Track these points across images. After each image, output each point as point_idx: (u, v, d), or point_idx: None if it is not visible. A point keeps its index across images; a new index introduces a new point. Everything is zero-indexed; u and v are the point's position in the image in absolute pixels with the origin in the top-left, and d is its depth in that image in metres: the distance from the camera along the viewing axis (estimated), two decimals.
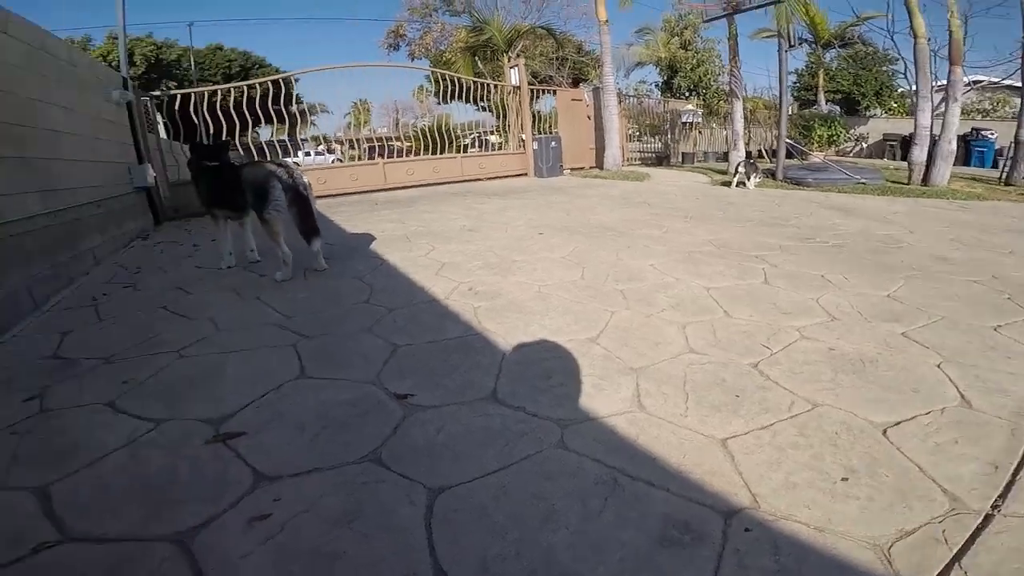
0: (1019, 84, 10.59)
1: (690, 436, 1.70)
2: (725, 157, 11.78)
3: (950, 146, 9.45)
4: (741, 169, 9.04)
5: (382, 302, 3.06)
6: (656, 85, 21.53)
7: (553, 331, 2.54)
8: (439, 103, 14.43)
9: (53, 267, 3.69)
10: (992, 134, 16.12)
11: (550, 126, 12.16)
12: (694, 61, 18.97)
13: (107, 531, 1.34)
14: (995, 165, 13.80)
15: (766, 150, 15.10)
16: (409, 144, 12.30)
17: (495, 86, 11.32)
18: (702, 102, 17.90)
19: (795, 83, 22.86)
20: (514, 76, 11.09)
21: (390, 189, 9.06)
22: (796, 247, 4.43)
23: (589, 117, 12.65)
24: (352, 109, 15.60)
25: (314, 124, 12.95)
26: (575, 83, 22.93)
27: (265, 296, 3.28)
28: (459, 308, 2.88)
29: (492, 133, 13.73)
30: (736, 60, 10.99)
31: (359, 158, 10.66)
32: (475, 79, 11.26)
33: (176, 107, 7.93)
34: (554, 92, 12.88)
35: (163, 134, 8.49)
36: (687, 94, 19.07)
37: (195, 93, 8.17)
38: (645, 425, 1.76)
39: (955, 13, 9.29)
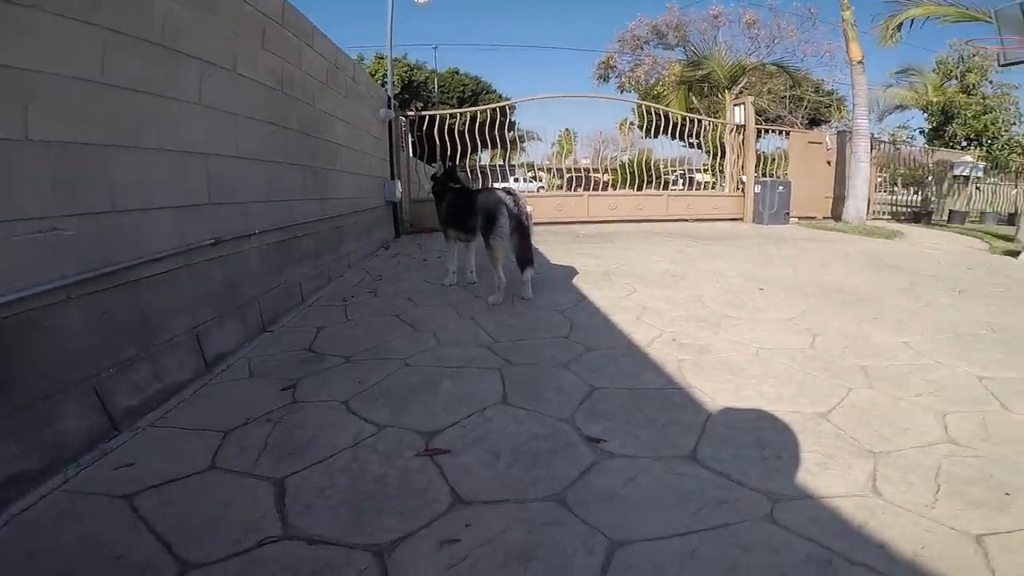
0: None
1: (934, 528, 1.51)
2: (1011, 220, 9.55)
3: None
4: None
5: (581, 340, 3.19)
6: (921, 132, 18.69)
7: (772, 399, 2.40)
8: (643, 137, 14.37)
9: (318, 267, 4.51)
10: None
11: (775, 168, 11.28)
12: (979, 108, 16.08)
13: (320, 532, 1.50)
14: None
15: None
16: (609, 177, 12.44)
17: (711, 123, 10.92)
18: (986, 153, 14.89)
19: None
20: (739, 114, 10.63)
21: (592, 222, 9.27)
22: None
23: (829, 163, 11.44)
24: (558, 138, 16.37)
25: (523, 151, 13.80)
26: (811, 124, 21.07)
27: (479, 317, 3.64)
28: (661, 358, 2.87)
29: (701, 171, 13.23)
30: None
31: (563, 187, 11.06)
32: (687, 114, 10.99)
33: (422, 127, 9.04)
34: (787, 133, 11.95)
35: (410, 152, 9.78)
36: (964, 144, 16.16)
37: (438, 115, 9.24)
38: (877, 511, 1.60)
39: None
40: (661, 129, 10.24)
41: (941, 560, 1.37)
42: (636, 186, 10.31)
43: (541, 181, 17.81)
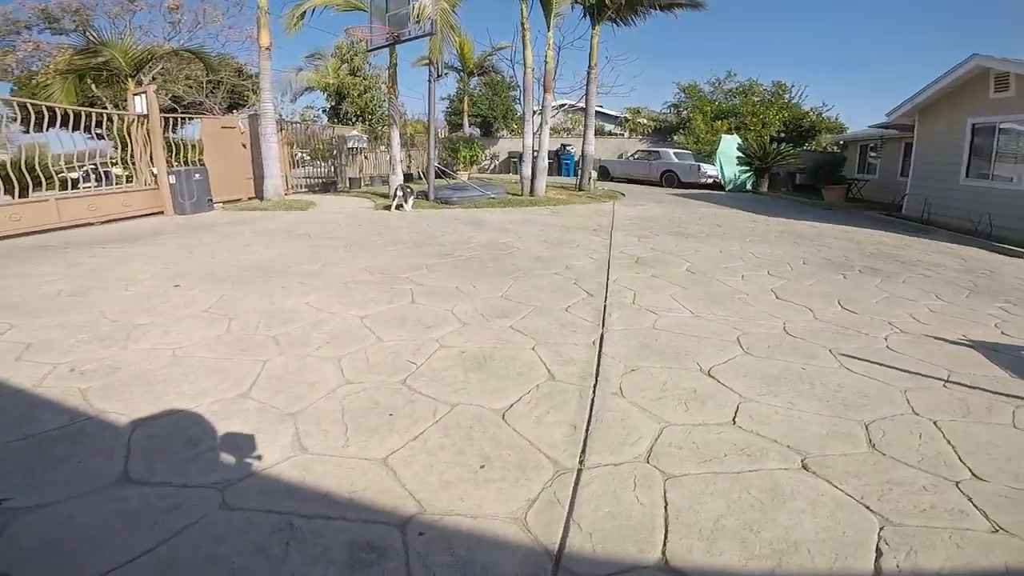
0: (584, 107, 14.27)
1: (355, 464, 1.91)
2: (388, 180, 12.52)
3: (544, 163, 12.45)
4: (399, 193, 9.82)
5: None
6: (324, 111, 21.54)
7: (194, 396, 2.40)
8: (26, 131, 11.27)
9: None
10: (571, 148, 21.60)
11: (195, 155, 10.87)
12: (361, 87, 19.65)
13: None
14: (575, 173, 18.47)
15: (423, 172, 16.63)
16: None
17: (112, 114, 9.49)
18: (368, 127, 18.64)
19: (447, 108, 25.79)
20: (140, 104, 9.53)
21: None
22: (439, 264, 5.18)
23: (245, 145, 11.76)
24: None
25: None
26: (231, 108, 21.06)
27: None
28: (59, 395, 2.41)
29: (116, 164, 11.47)
30: (394, 88, 11.83)
31: None
32: (80, 108, 9.18)
33: None
34: (196, 118, 11.55)
35: None
36: (354, 120, 19.58)
37: None
38: (310, 465, 1.89)
39: (551, 45, 12.03)
40: (47, 123, 8.08)
41: (368, 490, 1.75)
42: (18, 192, 7.90)
43: None
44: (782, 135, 20.08)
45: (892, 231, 8.91)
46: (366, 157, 17.43)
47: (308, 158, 15.48)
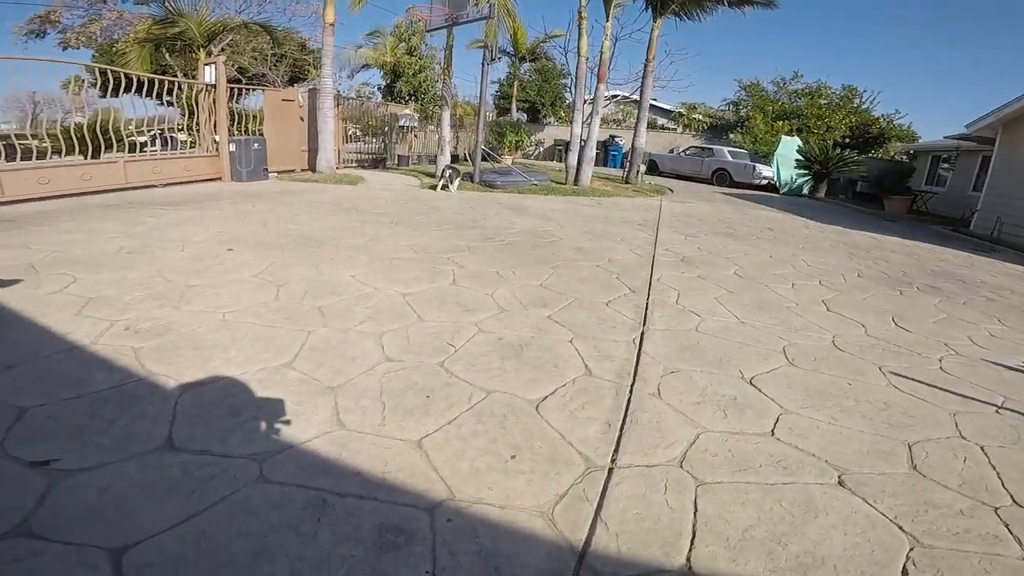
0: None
1: (390, 444, 1.93)
2: (436, 160, 12.63)
3: (591, 152, 12.26)
4: (446, 174, 9.88)
5: None
6: (378, 88, 21.82)
7: (240, 363, 2.46)
8: (102, 96, 11.85)
9: None
10: (620, 140, 21.24)
11: (255, 125, 11.24)
12: (416, 67, 19.82)
13: None
14: (622, 165, 18.19)
15: (469, 154, 16.68)
16: (50, 144, 9.65)
17: (183, 83, 9.89)
18: (419, 106, 18.79)
19: (496, 92, 25.73)
20: (209, 73, 9.89)
21: (11, 203, 6.94)
22: (481, 247, 5.19)
23: (302, 118, 12.10)
24: None
25: None
26: (292, 81, 21.67)
27: None
28: (113, 353, 2.50)
29: (182, 130, 11.98)
30: (449, 69, 11.89)
31: None
32: (151, 75, 9.58)
33: None
34: (259, 90, 11.90)
35: None
36: (407, 99, 19.79)
37: None
38: (347, 442, 1.92)
39: (608, 36, 11.81)
40: (123, 88, 8.50)
41: (401, 471, 1.77)
42: (91, 153, 8.31)
43: None
44: (847, 140, 19.23)
45: (957, 248, 8.45)
46: (416, 136, 17.61)
47: (360, 134, 15.73)
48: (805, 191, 16.27)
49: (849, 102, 20.40)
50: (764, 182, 16.56)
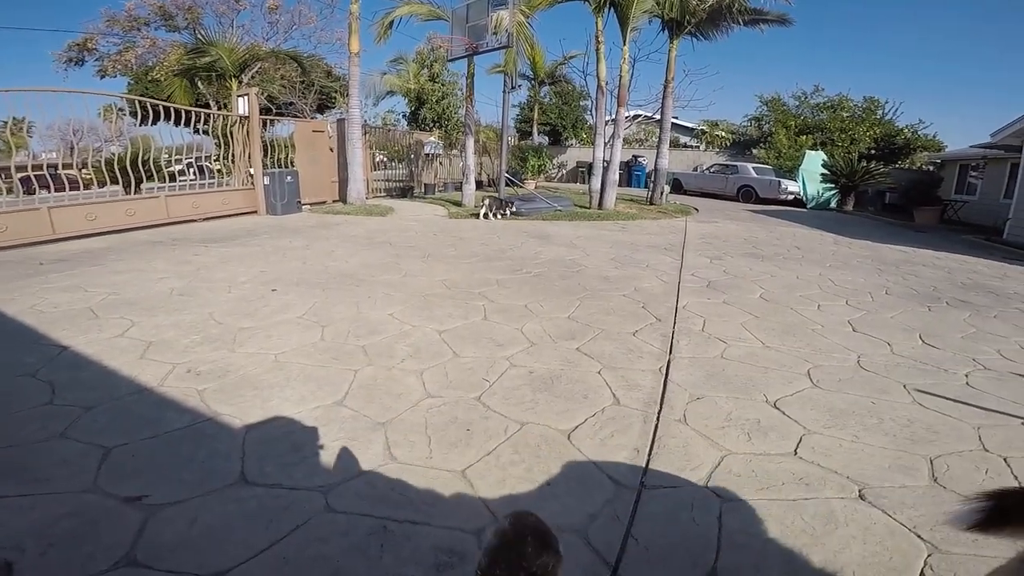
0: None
1: (437, 475, 2.13)
2: (461, 188, 13.00)
3: (614, 175, 12.49)
4: (492, 207, 10.53)
5: (72, 400, 2.66)
6: (403, 115, 22.43)
7: (296, 402, 2.71)
8: (137, 124, 12.48)
9: None
10: (643, 160, 21.48)
11: (284, 157, 11.65)
12: (439, 93, 20.28)
13: None
14: (646, 185, 18.37)
15: (493, 180, 17.03)
16: (91, 176, 10.12)
17: (218, 115, 10.39)
18: (444, 133, 19.27)
19: (516, 116, 26.24)
20: (242, 105, 10.31)
21: (62, 240, 7.27)
22: (508, 280, 5.43)
23: (332, 149, 12.51)
24: None
25: None
26: (320, 109, 22.39)
27: None
28: (180, 395, 2.76)
29: (216, 159, 12.48)
30: (471, 98, 12.24)
31: (13, 192, 8.18)
32: (188, 107, 10.12)
33: None
34: (289, 120, 12.45)
35: None
36: (431, 126, 20.26)
37: None
38: (399, 474, 2.13)
39: (626, 59, 12.09)
40: (162, 117, 8.99)
41: (449, 499, 1.96)
42: (131, 187, 8.78)
43: None
44: (872, 152, 19.06)
45: (990, 258, 8.35)
46: (441, 163, 18.01)
47: (386, 159, 16.15)
48: (832, 204, 16.17)
49: (872, 114, 20.27)
50: (790, 197, 16.52)
